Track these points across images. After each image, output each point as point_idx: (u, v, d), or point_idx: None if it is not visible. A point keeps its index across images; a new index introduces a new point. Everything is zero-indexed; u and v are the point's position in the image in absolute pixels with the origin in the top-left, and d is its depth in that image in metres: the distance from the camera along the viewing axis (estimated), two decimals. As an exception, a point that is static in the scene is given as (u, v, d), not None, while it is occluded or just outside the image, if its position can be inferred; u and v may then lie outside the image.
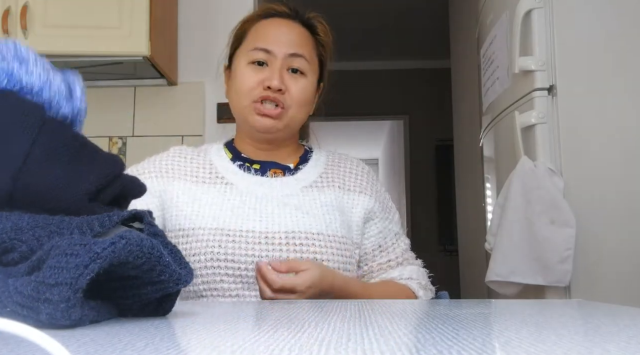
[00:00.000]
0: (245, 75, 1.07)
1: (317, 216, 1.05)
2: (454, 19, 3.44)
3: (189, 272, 0.51)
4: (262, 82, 1.05)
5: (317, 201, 1.07)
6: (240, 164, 1.11)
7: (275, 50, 1.06)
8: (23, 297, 0.41)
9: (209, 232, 1.00)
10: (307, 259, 0.99)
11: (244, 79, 1.07)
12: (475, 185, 2.78)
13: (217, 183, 1.08)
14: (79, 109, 0.58)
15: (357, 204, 1.11)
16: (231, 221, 1.02)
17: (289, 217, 1.04)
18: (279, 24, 1.11)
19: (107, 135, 2.50)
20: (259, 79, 1.06)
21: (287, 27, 1.10)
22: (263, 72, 1.06)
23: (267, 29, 1.10)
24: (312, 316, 0.51)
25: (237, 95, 1.09)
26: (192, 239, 1.01)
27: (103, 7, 2.15)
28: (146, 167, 1.12)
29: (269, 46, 1.06)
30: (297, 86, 1.07)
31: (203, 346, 0.36)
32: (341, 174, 1.14)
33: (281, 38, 1.08)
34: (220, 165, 1.11)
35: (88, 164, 0.52)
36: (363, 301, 0.72)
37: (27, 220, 0.46)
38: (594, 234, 1.48)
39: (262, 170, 1.11)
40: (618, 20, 1.56)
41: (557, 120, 1.53)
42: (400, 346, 0.33)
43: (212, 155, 1.14)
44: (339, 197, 1.10)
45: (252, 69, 1.07)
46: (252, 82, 1.06)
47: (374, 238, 1.12)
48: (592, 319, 0.49)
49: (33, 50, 0.57)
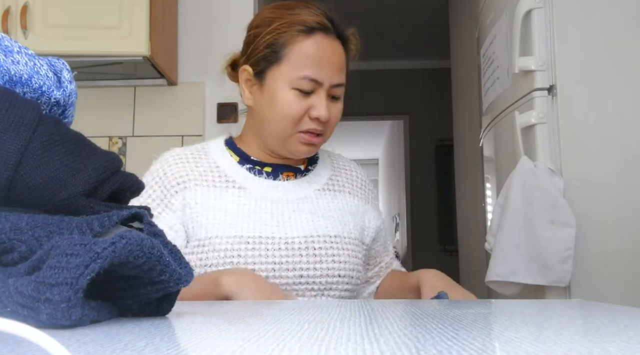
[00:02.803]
0: (291, 101, 1.02)
1: (333, 218, 1.05)
2: (454, 19, 3.44)
3: (189, 272, 0.51)
4: (308, 112, 1.02)
5: (332, 204, 1.08)
6: (249, 167, 1.08)
7: (324, 80, 1.02)
8: (23, 297, 0.41)
9: (226, 241, 0.96)
10: (325, 262, 1.00)
11: (289, 106, 1.02)
12: (475, 185, 2.78)
13: (229, 187, 1.04)
14: (70, 91, 0.58)
15: (369, 214, 1.15)
16: (249, 228, 0.98)
17: (306, 222, 1.02)
18: (324, 45, 1.03)
19: (107, 135, 2.50)
20: (304, 107, 1.02)
21: (331, 50, 1.03)
22: (308, 99, 1.02)
23: (315, 54, 1.02)
24: (312, 316, 0.51)
25: (280, 121, 1.03)
26: (208, 249, 0.97)
27: (103, 7, 2.15)
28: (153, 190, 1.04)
29: (318, 77, 1.01)
30: (335, 111, 1.06)
31: (203, 346, 0.36)
32: (350, 178, 1.17)
33: (328, 67, 1.02)
34: (229, 169, 1.07)
35: (85, 160, 0.52)
36: (363, 301, 0.73)
37: (26, 221, 0.46)
38: (594, 234, 1.48)
39: (274, 174, 1.08)
40: (618, 20, 1.56)
41: (557, 120, 1.53)
42: (400, 346, 0.33)
43: (215, 157, 1.09)
44: (349, 203, 1.12)
45: (297, 96, 1.02)
46: (298, 110, 1.02)
47: (380, 242, 1.18)
48: (592, 319, 0.49)
49: (12, 39, 0.56)
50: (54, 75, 0.57)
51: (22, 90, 0.55)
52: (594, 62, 1.55)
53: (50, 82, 0.56)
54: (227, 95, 2.53)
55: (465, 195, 3.13)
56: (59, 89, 0.57)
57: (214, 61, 2.67)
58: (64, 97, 0.57)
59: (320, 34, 1.03)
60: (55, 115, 0.58)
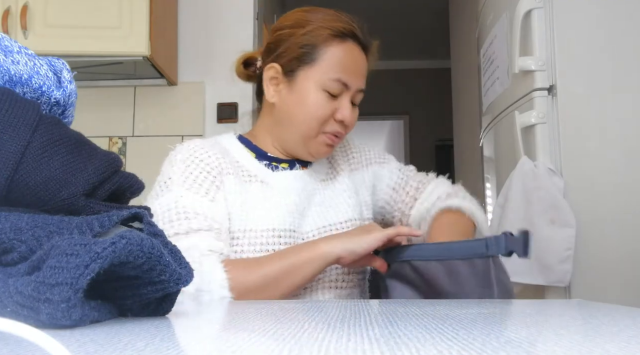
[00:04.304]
0: (320, 101, 1.05)
1: (340, 204, 1.11)
2: (454, 19, 3.44)
3: (189, 272, 0.51)
4: (334, 113, 1.06)
5: (336, 190, 1.13)
6: (266, 163, 1.10)
7: (352, 85, 1.06)
8: (23, 297, 0.41)
9: (261, 235, 0.99)
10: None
11: (318, 106, 1.05)
12: (475, 185, 2.78)
13: (252, 181, 1.06)
14: (70, 91, 0.58)
15: (361, 183, 1.18)
16: (279, 222, 1.01)
17: (317, 214, 1.07)
18: (355, 52, 1.08)
19: (107, 135, 2.50)
20: (332, 108, 1.06)
21: (360, 58, 1.09)
22: (335, 101, 1.06)
23: (347, 59, 1.06)
24: (312, 316, 0.51)
25: (308, 120, 1.06)
26: (243, 242, 0.99)
27: (103, 7, 2.15)
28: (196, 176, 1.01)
29: (349, 82, 1.06)
30: (354, 115, 1.10)
31: (203, 346, 0.36)
32: (342, 155, 1.21)
33: (357, 72, 1.08)
34: (248, 163, 1.08)
35: (85, 160, 0.52)
36: (363, 301, 0.73)
37: (26, 221, 0.46)
38: (594, 234, 1.48)
39: (290, 169, 1.11)
40: (618, 20, 1.56)
41: (557, 120, 1.53)
42: (400, 346, 0.33)
43: (234, 152, 1.10)
44: (350, 179, 1.16)
45: (326, 98, 1.05)
46: (326, 112, 1.05)
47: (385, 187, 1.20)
48: (592, 319, 0.49)
49: (12, 39, 0.56)
50: (54, 75, 0.57)
51: (22, 90, 0.55)
52: (594, 62, 1.55)
53: (50, 82, 0.56)
54: (229, 95, 2.53)
55: (465, 195, 3.13)
56: (59, 89, 0.57)
57: (214, 61, 2.68)
58: (64, 97, 0.57)
59: (352, 41, 1.08)
60: (55, 115, 0.58)
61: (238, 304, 0.75)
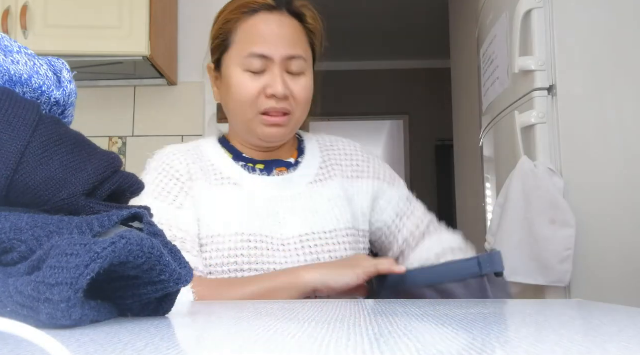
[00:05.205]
0: (243, 83, 1.00)
1: (327, 212, 1.03)
2: (454, 19, 3.44)
3: (189, 272, 0.51)
4: (264, 90, 0.99)
5: (324, 196, 1.05)
6: (243, 165, 1.06)
7: (273, 55, 0.99)
8: (23, 297, 0.41)
9: (229, 240, 0.96)
10: (323, 259, 0.98)
11: (243, 89, 1.00)
12: (475, 185, 2.78)
13: (225, 184, 1.02)
14: (70, 91, 0.58)
15: (360, 191, 1.10)
16: (248, 226, 0.97)
17: (300, 221, 1.01)
18: (269, 21, 1.01)
19: (107, 135, 2.50)
20: (259, 86, 1.00)
21: (277, 24, 1.01)
22: (262, 78, 1.00)
23: (258, 29, 1.01)
24: (312, 316, 0.51)
25: (239, 106, 1.02)
26: (211, 249, 0.96)
27: (103, 7, 2.15)
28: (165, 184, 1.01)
29: (265, 51, 0.99)
30: (298, 87, 1.02)
31: (203, 346, 0.36)
32: (338, 159, 1.12)
33: (275, 39, 1.00)
34: (223, 165, 1.05)
35: (85, 160, 0.52)
36: (363, 301, 0.72)
37: (26, 221, 0.46)
38: (594, 234, 1.48)
39: (268, 170, 1.06)
40: (618, 20, 1.56)
41: (557, 120, 1.53)
42: (400, 346, 0.33)
43: (210, 155, 1.07)
44: (343, 187, 1.08)
45: (250, 77, 1.00)
46: (253, 91, 1.00)
47: (389, 209, 1.11)
48: (592, 319, 0.49)
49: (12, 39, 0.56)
50: (53, 75, 0.57)
51: (22, 90, 0.55)
52: (594, 62, 1.55)
53: (50, 82, 0.56)
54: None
55: (465, 196, 3.13)
56: (58, 89, 0.57)
57: (214, 61, 2.68)
58: (64, 97, 0.57)
59: (263, 12, 1.02)
60: (55, 115, 0.58)
61: (237, 304, 0.75)
